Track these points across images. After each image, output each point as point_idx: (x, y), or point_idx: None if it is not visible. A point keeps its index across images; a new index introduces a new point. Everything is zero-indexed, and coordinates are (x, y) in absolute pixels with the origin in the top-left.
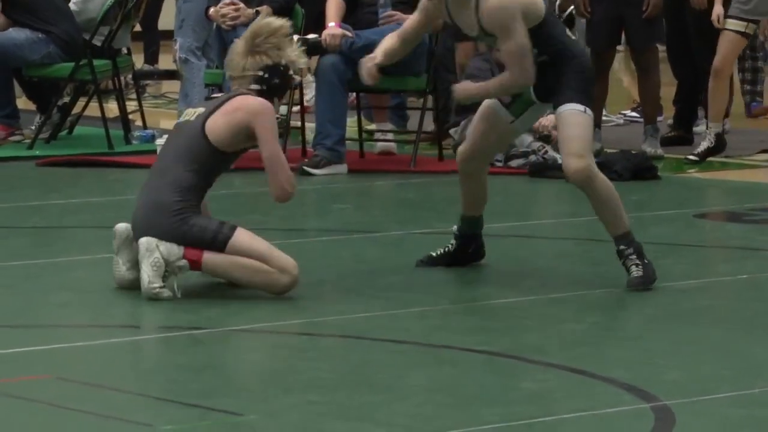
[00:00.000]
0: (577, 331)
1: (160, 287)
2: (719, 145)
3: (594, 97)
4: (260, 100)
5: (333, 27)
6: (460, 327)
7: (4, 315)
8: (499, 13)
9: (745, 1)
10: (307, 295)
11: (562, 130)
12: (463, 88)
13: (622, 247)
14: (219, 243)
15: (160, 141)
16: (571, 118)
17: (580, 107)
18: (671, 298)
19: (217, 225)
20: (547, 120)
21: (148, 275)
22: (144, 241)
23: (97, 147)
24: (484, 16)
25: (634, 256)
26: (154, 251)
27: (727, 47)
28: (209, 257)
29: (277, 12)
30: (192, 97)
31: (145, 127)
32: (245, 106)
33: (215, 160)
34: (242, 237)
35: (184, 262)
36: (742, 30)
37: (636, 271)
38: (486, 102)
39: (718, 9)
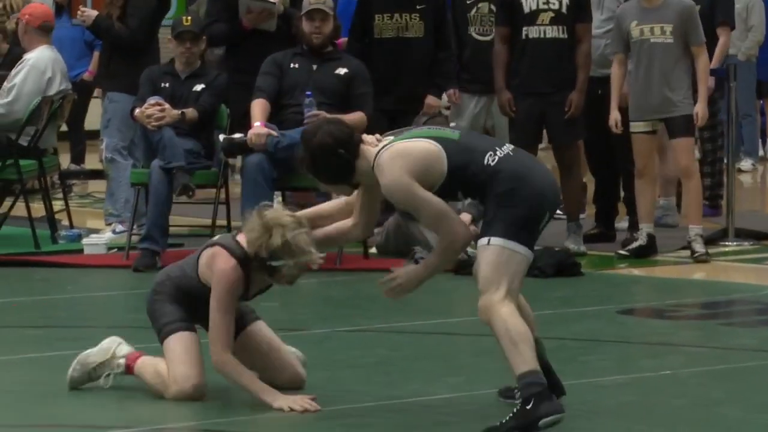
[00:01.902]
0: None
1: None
2: (651, 244)
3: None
4: (224, 268)
5: (258, 126)
6: (383, 425)
7: None
8: (395, 193)
9: (640, 103)
10: (234, 394)
11: (477, 267)
12: (408, 276)
13: (515, 389)
14: (161, 336)
15: (87, 240)
16: (480, 254)
17: (484, 240)
18: (595, 394)
19: (170, 320)
20: None
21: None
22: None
23: (23, 246)
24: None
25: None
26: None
27: (640, 149)
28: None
29: (202, 114)
30: (118, 196)
31: (71, 226)
32: (213, 266)
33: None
34: (173, 341)
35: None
36: (649, 129)
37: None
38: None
39: (614, 115)
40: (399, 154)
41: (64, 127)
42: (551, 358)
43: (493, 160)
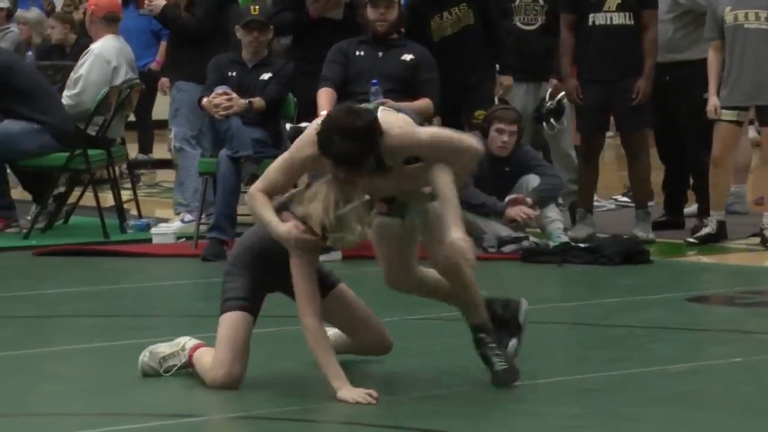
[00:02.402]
0: (569, 415)
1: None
2: (721, 232)
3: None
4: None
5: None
6: (452, 413)
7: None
8: (405, 139)
9: (732, 90)
10: (300, 382)
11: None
12: (460, 244)
13: (481, 335)
14: (219, 313)
15: (155, 230)
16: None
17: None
18: (664, 382)
19: (230, 296)
20: (515, 210)
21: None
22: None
23: (92, 236)
24: (394, 152)
25: (494, 346)
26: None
27: (723, 137)
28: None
29: (269, 103)
30: (187, 185)
31: (140, 216)
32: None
33: None
34: (223, 321)
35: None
36: (735, 119)
37: (500, 364)
38: (373, 227)
39: (713, 101)
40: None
41: (132, 117)
42: (619, 346)
43: None
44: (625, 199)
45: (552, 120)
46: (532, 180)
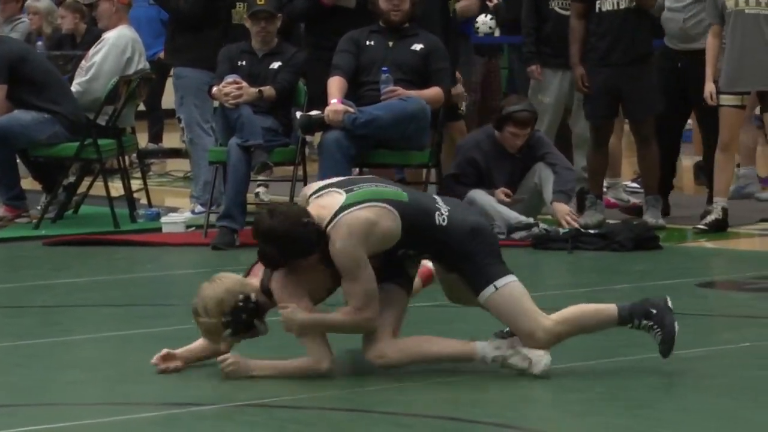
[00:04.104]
0: (583, 400)
1: None
2: (726, 218)
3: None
4: None
5: (335, 103)
6: (467, 399)
7: (14, 393)
8: (343, 259)
9: (733, 75)
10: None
11: (500, 318)
12: (293, 315)
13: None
14: None
15: (165, 219)
16: (494, 305)
17: (491, 289)
18: (676, 367)
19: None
20: (565, 218)
21: None
22: None
23: (102, 226)
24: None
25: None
26: None
27: (727, 122)
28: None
29: (280, 91)
30: (198, 178)
31: (150, 205)
32: None
33: None
34: None
35: None
36: (738, 103)
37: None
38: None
39: (709, 86)
40: (362, 226)
41: (141, 107)
42: (631, 331)
43: (443, 220)
44: (635, 185)
45: None
46: (543, 171)
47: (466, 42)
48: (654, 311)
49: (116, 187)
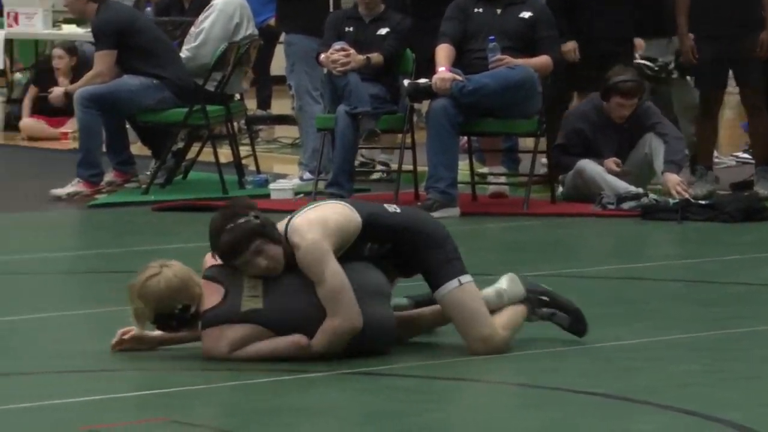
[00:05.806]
0: (689, 372)
1: None
2: None
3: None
4: None
5: (443, 71)
6: (571, 369)
7: (122, 359)
8: (309, 257)
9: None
10: (418, 338)
11: (454, 316)
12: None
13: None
14: None
15: (274, 185)
16: (454, 300)
17: (455, 283)
18: None
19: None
20: (676, 188)
21: None
22: None
23: (211, 192)
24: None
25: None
26: None
27: None
28: None
29: (387, 58)
30: (306, 145)
31: (258, 171)
32: None
33: None
34: None
35: None
36: None
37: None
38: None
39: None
40: (317, 220)
41: (250, 73)
42: (738, 303)
43: (393, 209)
44: (746, 155)
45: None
46: (654, 141)
47: None
48: (546, 298)
49: (225, 153)
